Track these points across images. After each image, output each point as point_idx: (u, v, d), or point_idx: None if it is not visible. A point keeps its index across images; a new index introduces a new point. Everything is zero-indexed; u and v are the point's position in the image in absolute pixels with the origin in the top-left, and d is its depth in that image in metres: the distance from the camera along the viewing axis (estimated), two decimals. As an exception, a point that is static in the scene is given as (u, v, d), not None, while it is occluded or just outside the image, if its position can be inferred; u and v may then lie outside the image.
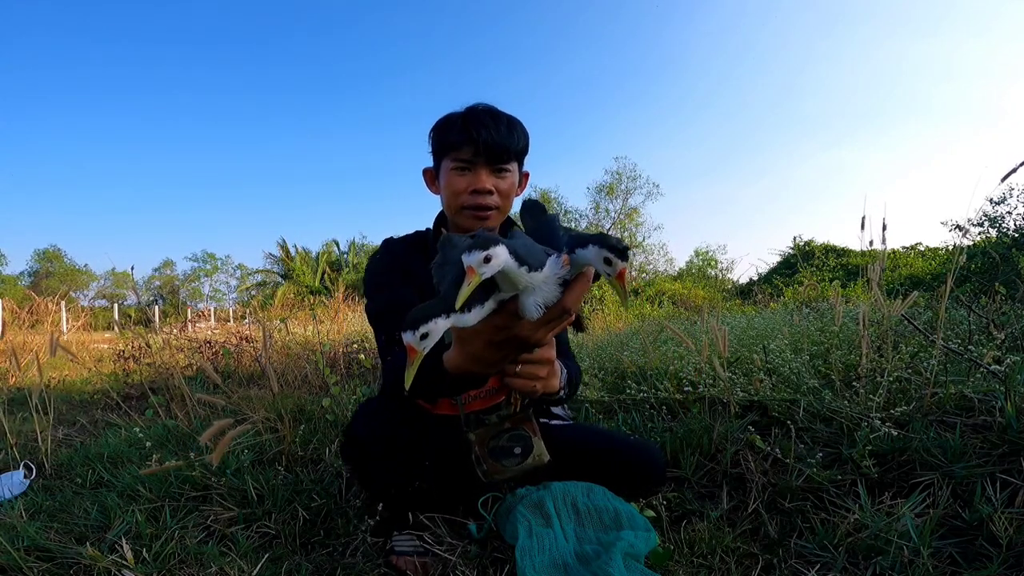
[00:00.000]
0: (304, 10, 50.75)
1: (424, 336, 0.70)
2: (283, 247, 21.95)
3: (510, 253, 0.69)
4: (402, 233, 1.30)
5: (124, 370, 3.82)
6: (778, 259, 15.36)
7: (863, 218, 1.77)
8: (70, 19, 46.70)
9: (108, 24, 47.57)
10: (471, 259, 0.66)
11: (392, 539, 1.19)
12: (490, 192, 1.14)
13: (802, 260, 13.42)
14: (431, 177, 1.25)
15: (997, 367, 1.47)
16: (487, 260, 0.66)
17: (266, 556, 1.22)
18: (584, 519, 1.09)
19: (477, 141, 1.11)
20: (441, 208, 1.25)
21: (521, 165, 1.22)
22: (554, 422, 1.31)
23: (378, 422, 1.11)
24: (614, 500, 1.13)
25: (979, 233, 6.57)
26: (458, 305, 0.68)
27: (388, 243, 1.27)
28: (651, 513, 1.26)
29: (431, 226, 1.30)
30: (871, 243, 1.76)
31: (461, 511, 1.24)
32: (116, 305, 19.72)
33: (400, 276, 1.18)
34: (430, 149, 1.22)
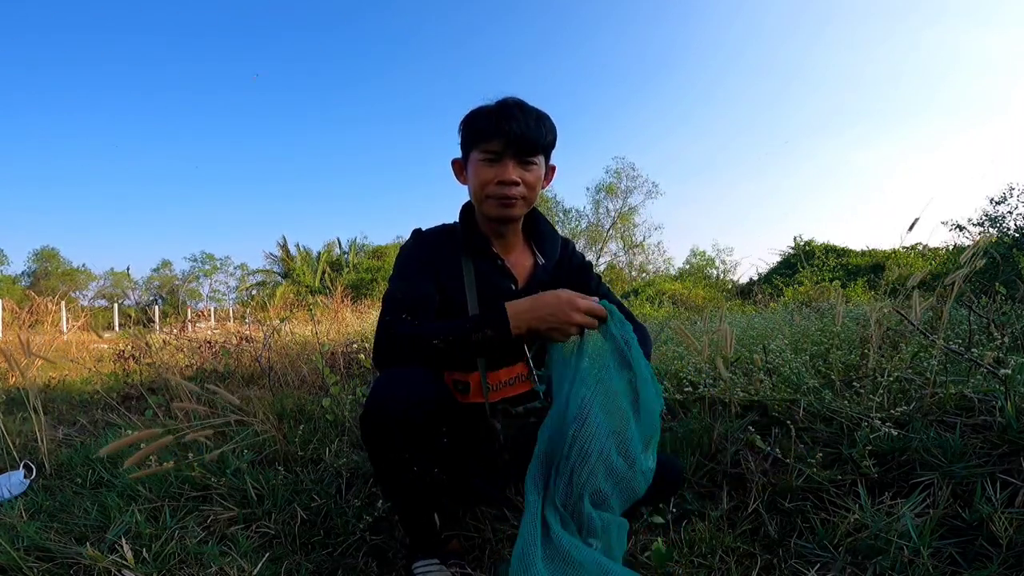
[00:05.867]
0: (299, 7, 50.73)
1: None
2: (283, 247, 21.93)
3: None
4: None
5: (124, 370, 3.82)
6: (778, 259, 15.36)
7: (915, 220, 1.75)
8: (63, 15, 46.59)
9: (103, 20, 47.53)
10: None
11: (415, 566, 1.13)
12: (516, 183, 1.17)
13: (802, 260, 13.41)
14: (459, 168, 1.27)
15: (999, 368, 1.47)
16: None
17: (266, 556, 1.22)
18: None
19: (507, 133, 1.13)
20: (468, 200, 1.27)
21: (548, 159, 1.24)
22: None
23: (407, 386, 1.04)
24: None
25: (979, 233, 6.57)
26: None
27: (418, 234, 1.28)
28: (659, 519, 1.26)
29: (456, 218, 1.31)
30: (900, 244, 1.78)
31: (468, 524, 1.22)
32: (116, 305, 19.74)
33: (425, 268, 1.20)
34: (459, 141, 1.24)
